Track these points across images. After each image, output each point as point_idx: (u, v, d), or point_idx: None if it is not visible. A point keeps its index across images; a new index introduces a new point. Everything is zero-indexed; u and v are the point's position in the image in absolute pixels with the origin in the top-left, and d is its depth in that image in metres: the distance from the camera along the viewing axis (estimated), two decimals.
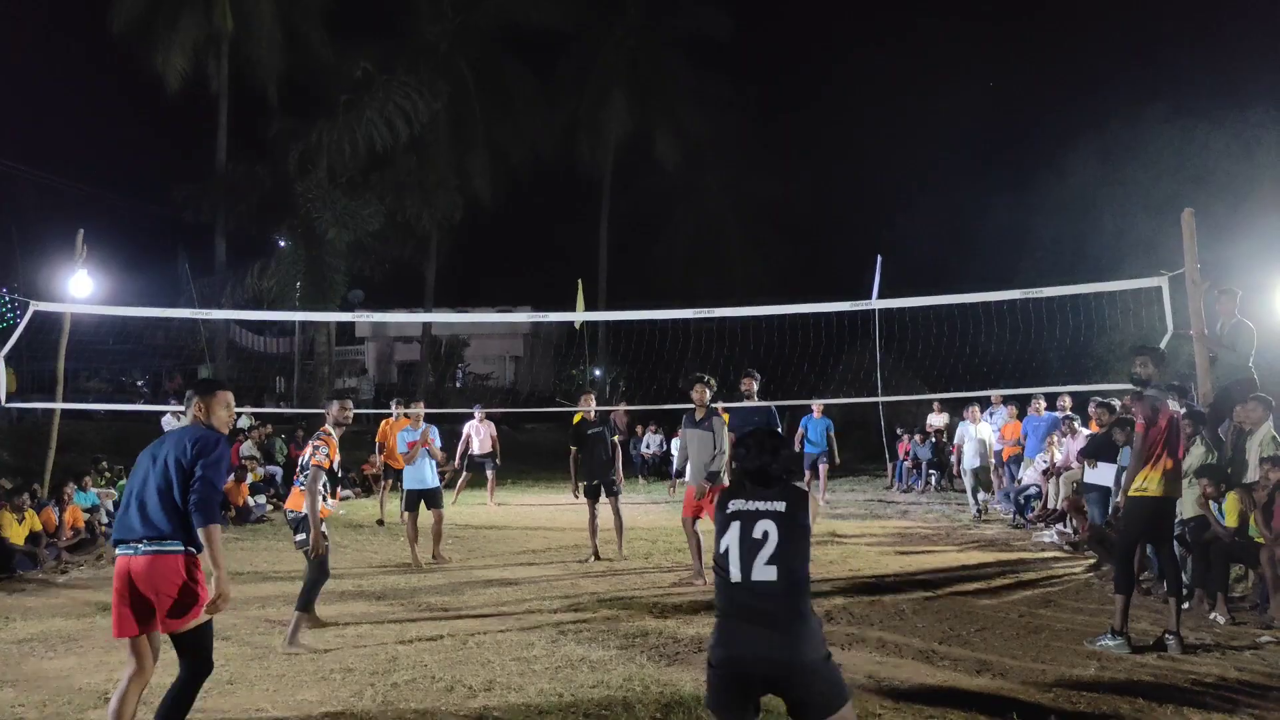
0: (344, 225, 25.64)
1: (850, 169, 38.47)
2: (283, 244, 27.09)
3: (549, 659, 6.31)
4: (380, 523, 13.47)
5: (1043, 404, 13.44)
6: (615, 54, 33.27)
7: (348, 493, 17.36)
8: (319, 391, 28.95)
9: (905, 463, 18.78)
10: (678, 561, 10.17)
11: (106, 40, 25.56)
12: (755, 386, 10.11)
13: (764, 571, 3.42)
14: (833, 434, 15.95)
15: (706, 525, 8.67)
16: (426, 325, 31.91)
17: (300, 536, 6.93)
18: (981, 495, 14.21)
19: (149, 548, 4.42)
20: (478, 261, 38.46)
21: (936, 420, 18.74)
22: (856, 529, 12.82)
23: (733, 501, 3.64)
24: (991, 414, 15.54)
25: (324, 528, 6.96)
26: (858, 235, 33.06)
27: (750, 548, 3.47)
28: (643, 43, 33.47)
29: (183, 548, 4.45)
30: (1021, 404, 14.53)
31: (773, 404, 10.36)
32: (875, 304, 12.12)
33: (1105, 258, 21.05)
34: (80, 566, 10.71)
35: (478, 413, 16.49)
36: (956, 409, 18.67)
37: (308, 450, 7.02)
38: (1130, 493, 6.71)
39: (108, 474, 14.05)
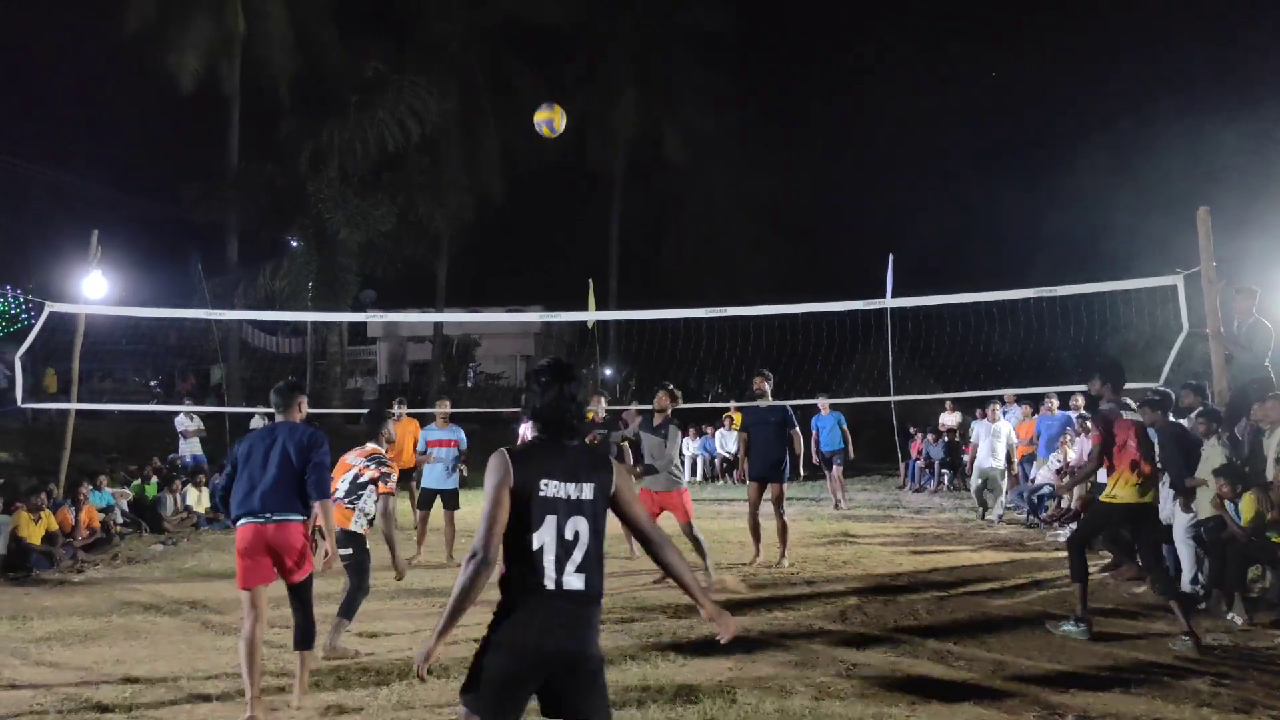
0: (356, 225, 25.72)
1: (859, 166, 38.51)
2: (295, 244, 27.19)
3: None
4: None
5: (1056, 403, 13.37)
6: (621, 52, 33.30)
7: None
8: (331, 391, 29.07)
9: (918, 462, 18.73)
10: (696, 562, 10.16)
11: (120, 41, 25.71)
12: (768, 386, 10.06)
13: (573, 581, 3.24)
14: (845, 428, 15.64)
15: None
16: (438, 325, 31.96)
17: (346, 551, 6.63)
18: (998, 497, 13.39)
19: (278, 517, 5.38)
20: (489, 261, 38.48)
21: (949, 419, 18.69)
22: (869, 529, 12.80)
23: (545, 483, 3.28)
24: (1005, 413, 15.49)
25: (369, 544, 6.87)
26: (867, 233, 33.06)
27: (564, 551, 3.25)
28: (648, 41, 33.48)
29: (302, 517, 5.49)
30: (1034, 403, 14.47)
31: (787, 403, 10.30)
32: (889, 302, 12.13)
33: (1118, 255, 20.95)
34: (96, 566, 10.77)
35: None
36: (969, 408, 18.63)
37: (366, 472, 6.84)
38: (1101, 497, 7.09)
39: (122, 474, 14.11)
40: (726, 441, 20.55)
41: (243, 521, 5.41)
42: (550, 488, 3.27)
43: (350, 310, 25.94)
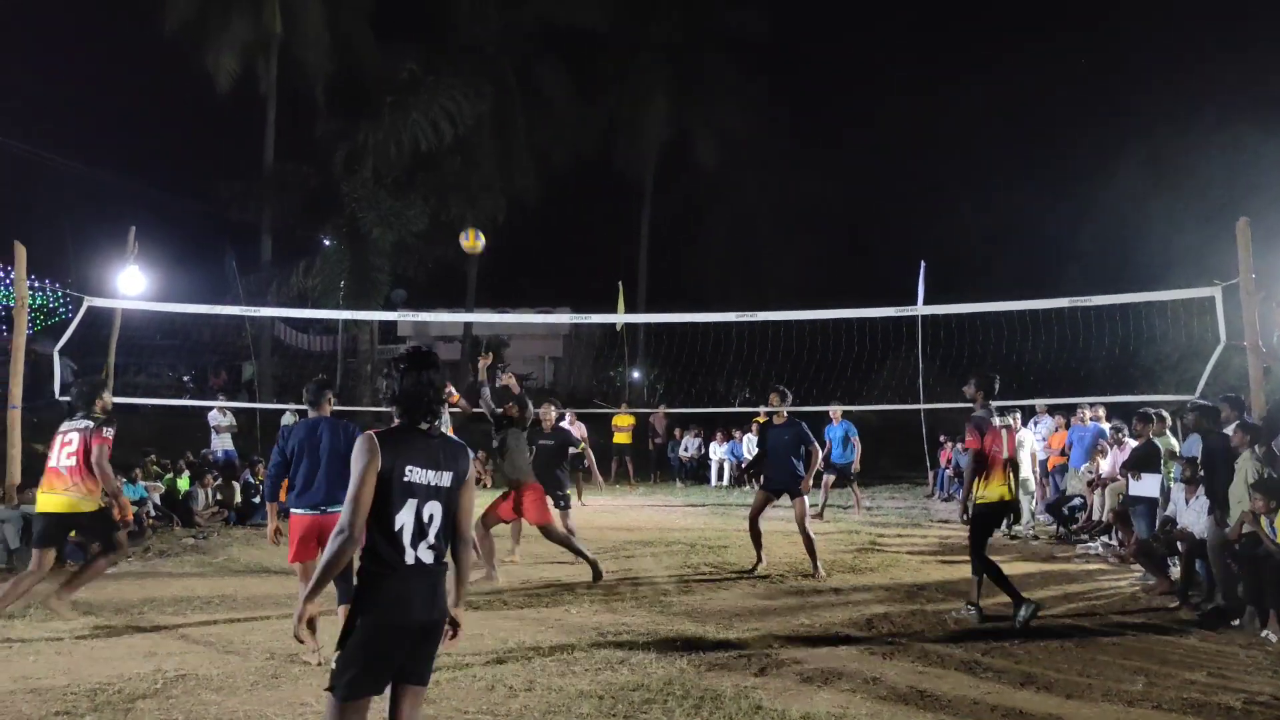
0: (388, 225, 25.91)
1: (892, 172, 38.15)
2: (327, 243, 27.42)
3: (588, 660, 6.32)
4: None
5: (1088, 414, 13.22)
6: (655, 55, 33.32)
7: None
8: (362, 390, 29.26)
9: (947, 471, 18.59)
10: (716, 566, 10.16)
11: (158, 41, 26.07)
12: (780, 404, 9.95)
13: (426, 554, 3.55)
14: (856, 439, 15.05)
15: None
16: (467, 325, 32.12)
17: None
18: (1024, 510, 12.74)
19: (331, 509, 6.17)
20: (519, 262, 38.57)
21: None
22: (897, 537, 12.72)
23: (410, 469, 3.55)
24: (1036, 423, 15.36)
25: None
26: (899, 239, 32.77)
27: (420, 531, 3.55)
28: (682, 44, 33.47)
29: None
30: (1066, 413, 14.32)
31: (803, 422, 10.17)
32: (920, 310, 12.08)
33: (1153, 266, 20.72)
34: (128, 558, 10.87)
35: (569, 414, 16.16)
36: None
37: None
38: (976, 501, 7.78)
39: (155, 468, 14.27)
40: (754, 446, 20.51)
41: (301, 511, 6.42)
42: (414, 474, 3.54)
43: (381, 309, 26.11)
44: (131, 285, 13.67)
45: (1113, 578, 9.69)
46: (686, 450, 21.95)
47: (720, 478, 20.97)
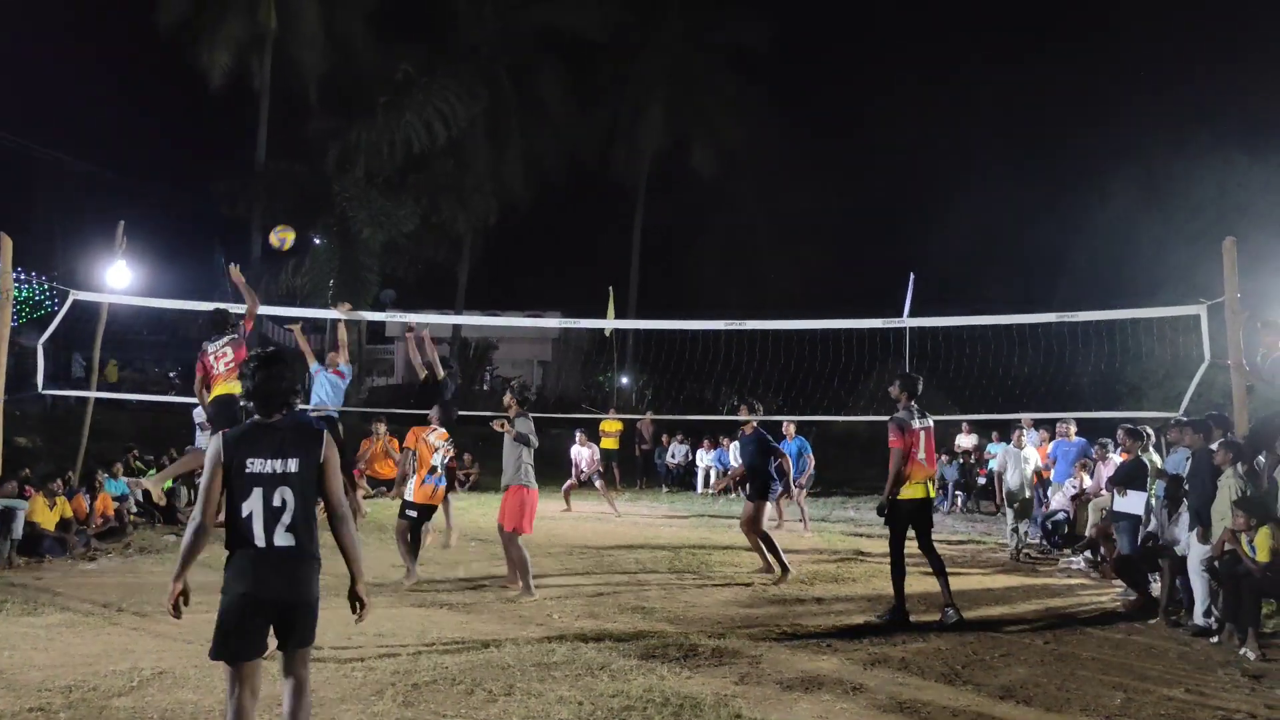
0: (379, 225, 25.88)
1: (885, 184, 38.38)
2: (318, 242, 27.34)
3: (569, 666, 6.30)
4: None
5: (1073, 428, 13.24)
6: (654, 63, 33.37)
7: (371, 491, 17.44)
8: (349, 389, 29.11)
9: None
10: (699, 573, 10.15)
11: (152, 35, 26.00)
12: (749, 415, 10.22)
13: (284, 538, 3.91)
14: (810, 455, 14.46)
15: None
16: (456, 327, 32.07)
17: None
18: (1023, 528, 12.32)
19: None
20: (510, 265, 38.58)
21: (965, 441, 18.57)
22: (881, 547, 12.70)
23: (251, 461, 3.93)
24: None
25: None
26: (891, 250, 33.01)
27: (271, 516, 3.91)
28: (682, 52, 33.53)
29: None
30: (1050, 428, 14.36)
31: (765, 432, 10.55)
32: (907, 321, 12.07)
33: (1141, 283, 20.85)
34: (109, 554, 10.82)
35: (579, 436, 16.74)
36: (985, 430, 18.52)
37: (448, 454, 9.31)
38: (899, 497, 8.03)
39: (138, 464, 14.20)
40: (739, 456, 20.51)
41: None
42: (255, 464, 3.93)
43: (370, 309, 26.03)
44: (119, 279, 13.60)
45: (1094, 592, 9.71)
46: (673, 457, 21.92)
47: (706, 485, 20.94)
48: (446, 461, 9.39)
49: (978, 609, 8.66)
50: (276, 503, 3.93)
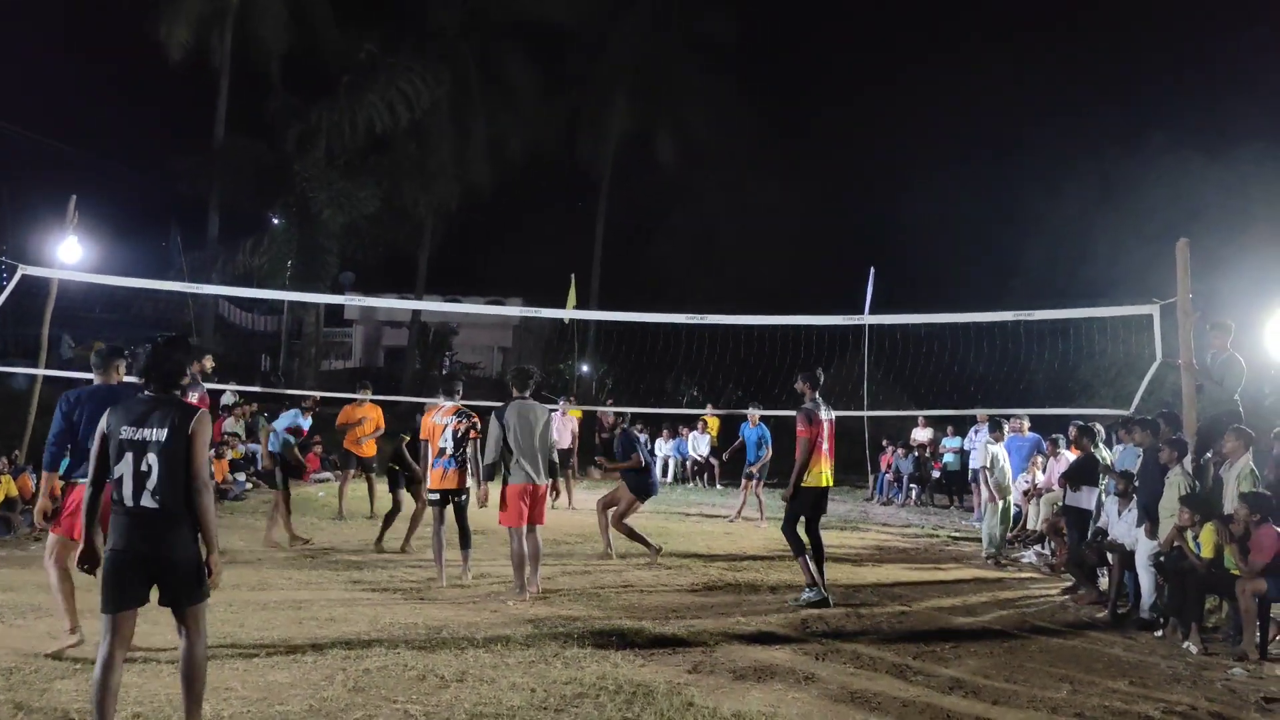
0: (339, 207, 25.60)
1: (849, 179, 38.57)
2: (276, 222, 27.01)
3: (522, 652, 6.28)
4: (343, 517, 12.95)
5: (1026, 424, 13.42)
6: (621, 52, 33.25)
7: (326, 475, 17.28)
8: (305, 372, 28.86)
9: (887, 475, 18.80)
10: (654, 561, 10.16)
11: (110, 6, 25.49)
12: (615, 420, 10.43)
13: (149, 500, 4.26)
14: (768, 446, 14.18)
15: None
16: (415, 311, 31.83)
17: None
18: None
19: None
20: (471, 250, 38.34)
21: (921, 435, 18.78)
22: (835, 540, 12.78)
23: (125, 428, 4.33)
24: (976, 432, 15.58)
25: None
26: (853, 246, 33.07)
27: (139, 480, 4.27)
28: (649, 42, 33.45)
29: None
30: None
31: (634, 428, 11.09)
32: (867, 319, 12.16)
33: (1097, 283, 21.16)
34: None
35: (561, 404, 15.57)
36: (941, 425, 18.73)
37: (461, 426, 8.61)
38: (803, 484, 8.33)
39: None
40: (699, 444, 20.57)
41: (83, 480, 5.66)
42: (127, 432, 4.32)
43: (328, 292, 25.77)
44: (70, 255, 13.32)
45: (1043, 586, 9.86)
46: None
47: (664, 474, 20.99)
48: (463, 434, 8.66)
49: (929, 601, 8.77)
50: (144, 468, 4.29)
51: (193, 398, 8.23)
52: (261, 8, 26.47)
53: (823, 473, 8.42)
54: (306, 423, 11.70)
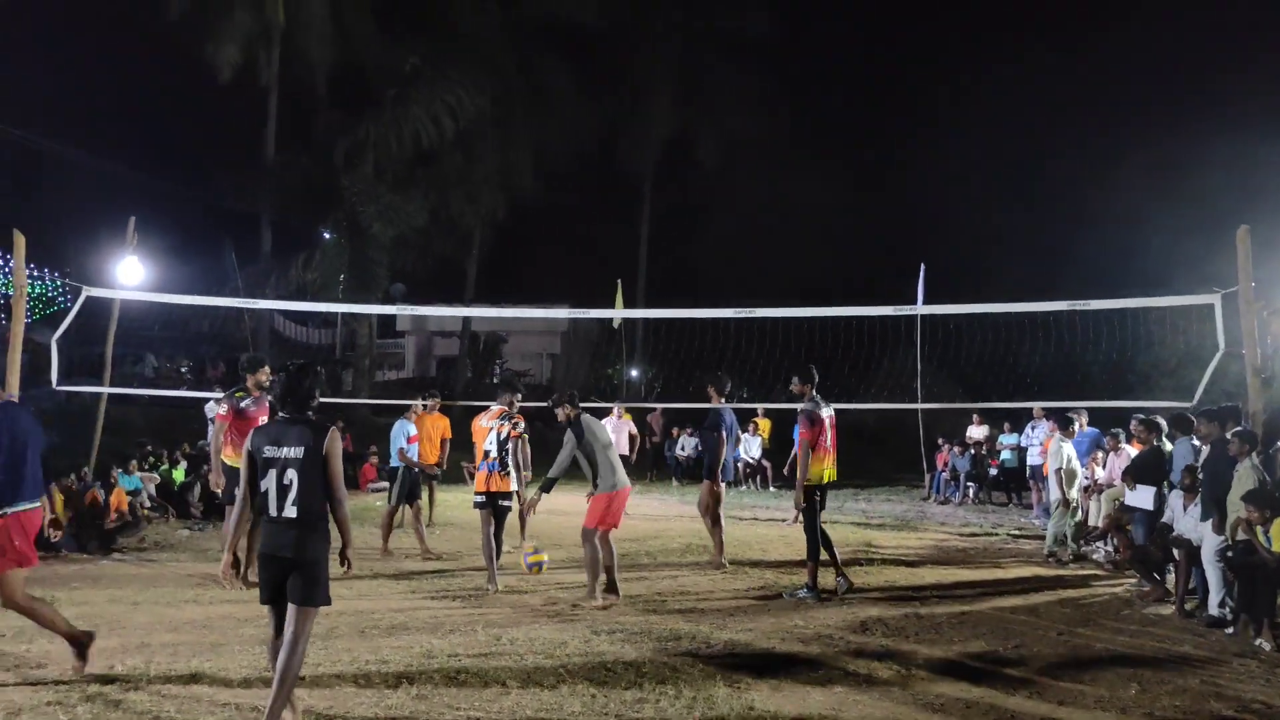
0: (388, 220, 25.89)
1: (894, 173, 38.20)
2: (327, 236, 27.40)
3: (582, 658, 6.32)
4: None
5: (1084, 419, 13.17)
6: (657, 53, 33.29)
7: (384, 484, 17.46)
8: (359, 383, 29.25)
9: (943, 474, 18.59)
10: (711, 565, 10.14)
11: (160, 30, 26.02)
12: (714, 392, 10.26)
13: (290, 510, 4.82)
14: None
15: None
16: (466, 320, 32.10)
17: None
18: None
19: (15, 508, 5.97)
20: (518, 258, 38.59)
21: (976, 432, 18.54)
22: (893, 540, 12.73)
23: (267, 448, 4.90)
24: (1033, 428, 15.35)
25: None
26: (899, 240, 32.83)
27: (281, 492, 4.83)
28: (684, 43, 33.45)
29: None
30: (1061, 418, 14.30)
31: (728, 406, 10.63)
32: (920, 309, 12.03)
33: (1152, 272, 20.78)
34: (124, 548, 10.88)
35: (616, 409, 15.85)
36: (996, 420, 18.48)
37: (504, 429, 8.63)
38: (807, 482, 8.55)
39: (151, 459, 14.26)
40: (751, 447, 20.47)
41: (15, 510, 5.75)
42: (269, 451, 4.89)
43: (380, 303, 26.10)
44: (130, 275, 13.63)
45: (1108, 584, 9.68)
46: (683, 449, 21.93)
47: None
48: (505, 437, 8.67)
49: (990, 600, 8.66)
50: (285, 481, 4.84)
51: (246, 406, 8.56)
52: (307, 25, 26.88)
53: (825, 469, 8.70)
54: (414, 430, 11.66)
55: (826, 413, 8.77)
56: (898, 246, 29.87)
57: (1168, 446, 10.06)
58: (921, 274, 17.19)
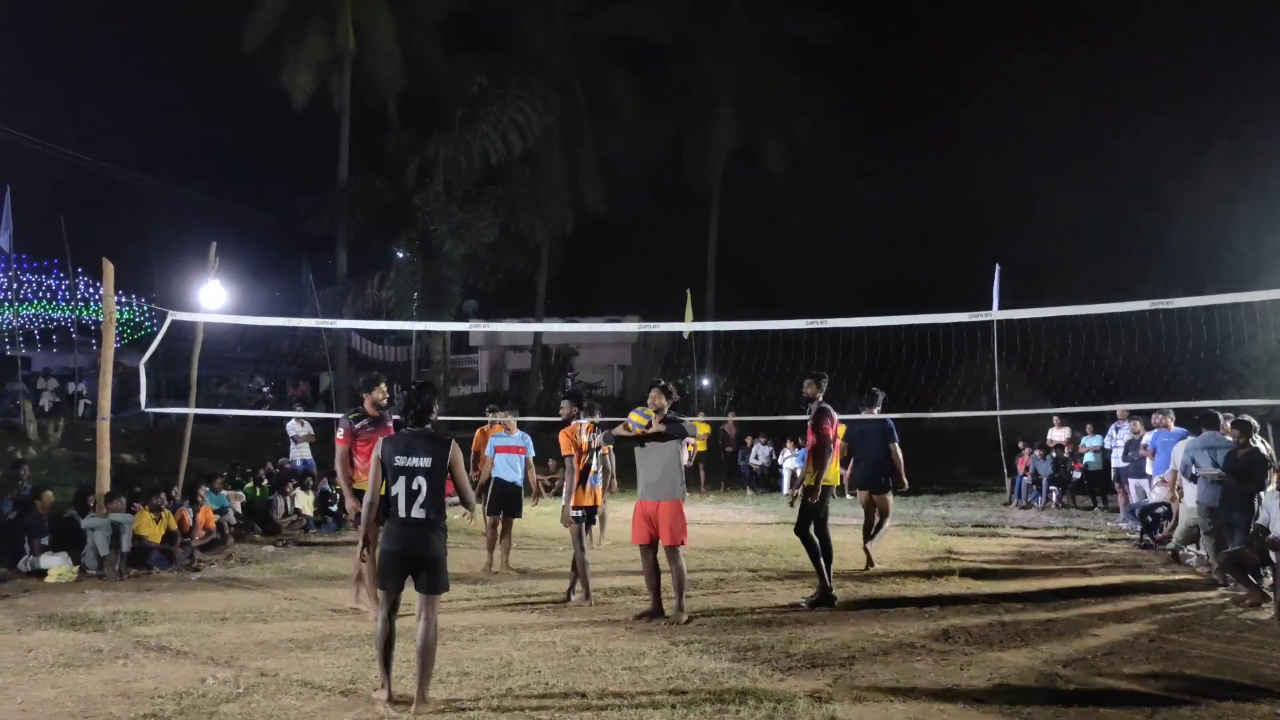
0: (460, 238, 26.26)
1: (965, 174, 37.42)
2: (401, 256, 27.88)
3: (660, 669, 6.31)
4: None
5: (1171, 419, 12.78)
6: (721, 62, 33.27)
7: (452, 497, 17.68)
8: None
9: (1025, 478, 18.19)
10: (787, 574, 10.06)
11: (237, 62, 26.83)
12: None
13: (419, 512, 5.54)
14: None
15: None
16: (537, 334, 32.35)
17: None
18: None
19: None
20: (587, 271, 38.82)
21: (1057, 435, 18.11)
22: (974, 546, 12.49)
23: (398, 458, 5.59)
24: (1117, 429, 14.95)
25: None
26: (971, 242, 32.14)
27: (410, 497, 5.53)
28: (747, 51, 33.37)
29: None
30: (1145, 419, 13.90)
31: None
32: (995, 314, 11.82)
33: (1240, 268, 20.06)
34: (211, 565, 11.18)
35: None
36: (1079, 424, 18.03)
37: (595, 442, 8.62)
38: (823, 483, 8.61)
39: (237, 477, 14.63)
40: None
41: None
42: (399, 460, 5.59)
43: (453, 320, 26.46)
44: (213, 299, 14.03)
45: (1201, 588, 9.36)
46: (756, 459, 21.81)
47: (791, 486, 20.78)
48: (596, 448, 8.64)
49: (1077, 607, 8.43)
50: (414, 487, 5.54)
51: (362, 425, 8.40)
52: (377, 49, 27.46)
53: (834, 469, 9.23)
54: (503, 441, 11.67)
55: (837, 417, 9.04)
56: (974, 248, 29.29)
57: (1264, 447, 9.69)
58: (996, 275, 16.89)
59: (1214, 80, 32.34)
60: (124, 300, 31.01)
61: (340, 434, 8.27)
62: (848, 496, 15.40)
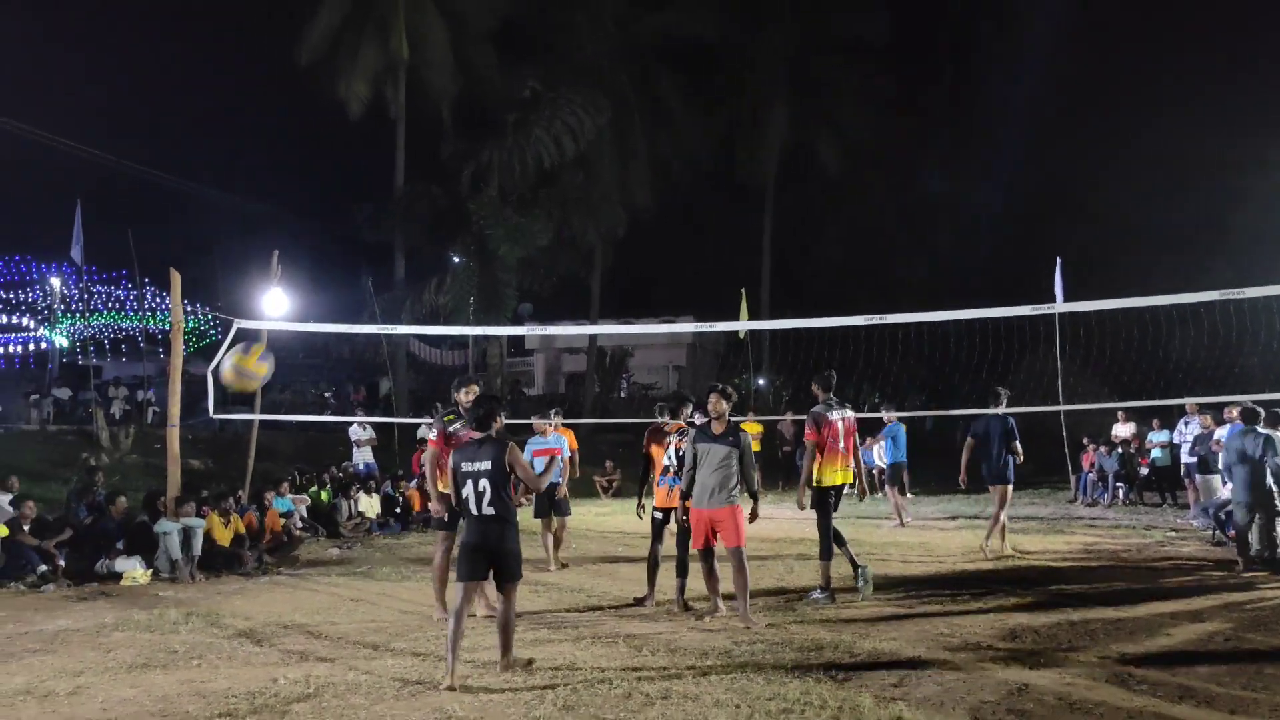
0: (514, 242, 26.49)
1: (1022, 166, 36.86)
2: (457, 261, 28.19)
3: (724, 669, 6.30)
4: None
5: (1236, 412, 12.39)
6: (772, 61, 33.16)
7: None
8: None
9: (1090, 475, 17.84)
10: (848, 574, 9.97)
11: (294, 74, 27.35)
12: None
13: (487, 510, 6.20)
14: (897, 441, 15.28)
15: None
16: (592, 336, 32.49)
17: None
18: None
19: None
20: (641, 272, 38.89)
21: (1123, 430, 17.73)
22: (1038, 544, 12.28)
23: (464, 464, 6.28)
24: (1186, 424, 14.60)
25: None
26: (1031, 235, 31.64)
27: (478, 497, 6.20)
28: (799, 48, 33.20)
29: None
30: (1216, 413, 13.54)
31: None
32: (1059, 307, 11.64)
33: None
34: (279, 568, 11.40)
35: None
36: (1144, 418, 17.64)
37: (680, 444, 8.57)
38: (822, 485, 8.68)
39: (301, 481, 14.90)
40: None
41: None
42: (466, 465, 6.28)
43: (509, 324, 26.68)
44: (276, 307, 14.31)
45: (1277, 585, 9.10)
46: None
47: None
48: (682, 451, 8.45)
49: (1148, 605, 8.24)
50: (480, 488, 6.19)
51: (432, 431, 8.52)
52: (430, 58, 27.79)
53: (837, 471, 8.73)
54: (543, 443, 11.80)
55: (837, 415, 8.76)
56: (1033, 241, 28.78)
57: None
58: (1058, 268, 16.61)
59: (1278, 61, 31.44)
60: (190, 309, 31.69)
61: (433, 434, 8.19)
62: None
